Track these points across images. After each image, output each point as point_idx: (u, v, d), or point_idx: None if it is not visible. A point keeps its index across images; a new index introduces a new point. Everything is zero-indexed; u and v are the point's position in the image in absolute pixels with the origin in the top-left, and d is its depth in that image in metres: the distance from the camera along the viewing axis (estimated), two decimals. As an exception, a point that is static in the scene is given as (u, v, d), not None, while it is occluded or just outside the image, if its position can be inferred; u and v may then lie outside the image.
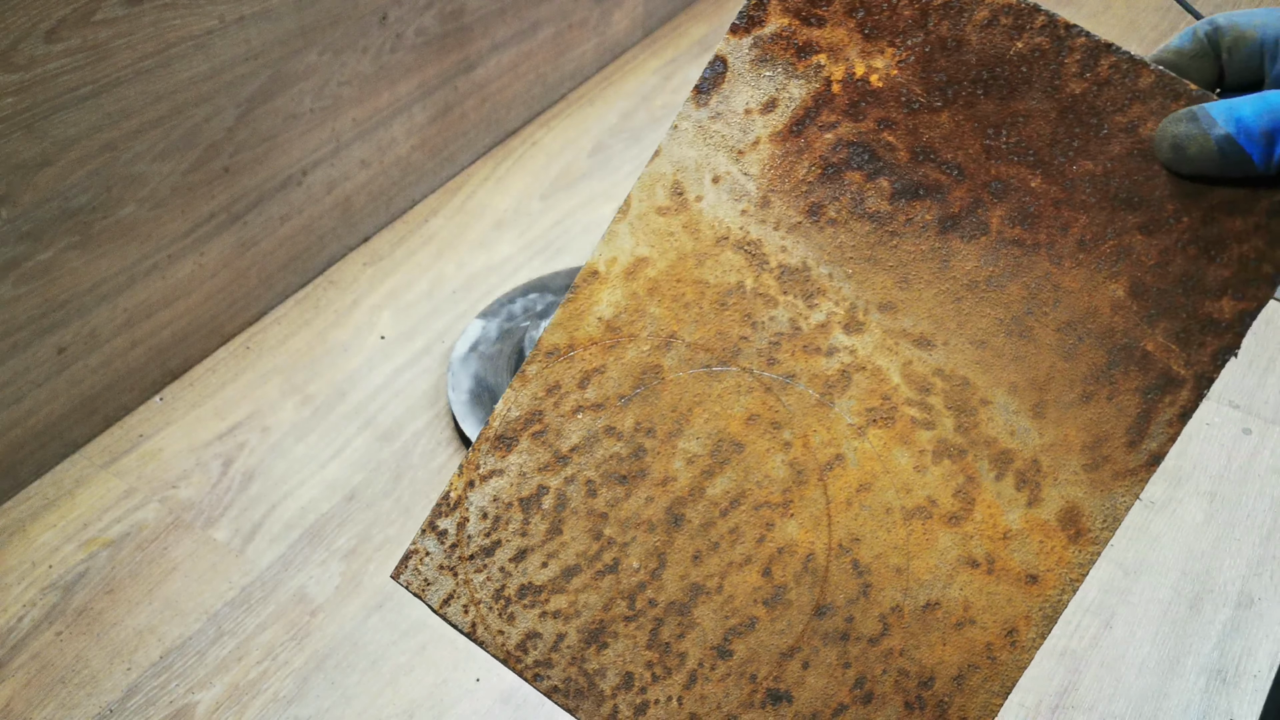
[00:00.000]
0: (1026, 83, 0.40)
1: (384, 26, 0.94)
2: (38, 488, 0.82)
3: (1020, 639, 0.39)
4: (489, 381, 0.88)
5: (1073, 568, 0.39)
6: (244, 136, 0.86)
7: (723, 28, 1.32)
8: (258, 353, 0.92)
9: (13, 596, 0.75)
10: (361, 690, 0.71)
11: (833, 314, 0.42)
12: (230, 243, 0.89)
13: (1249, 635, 0.74)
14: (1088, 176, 0.39)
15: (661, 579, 0.42)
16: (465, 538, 0.44)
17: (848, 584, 0.41)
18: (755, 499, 0.42)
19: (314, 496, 0.82)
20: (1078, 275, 0.39)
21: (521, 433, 0.44)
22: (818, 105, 0.42)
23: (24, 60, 0.69)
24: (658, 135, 1.16)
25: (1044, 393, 0.39)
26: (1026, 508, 0.39)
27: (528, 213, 1.06)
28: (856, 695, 0.40)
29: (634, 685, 0.42)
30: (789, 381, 0.42)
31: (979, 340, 0.40)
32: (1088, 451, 0.39)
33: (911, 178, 0.41)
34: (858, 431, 0.41)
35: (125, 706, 0.70)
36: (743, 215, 0.43)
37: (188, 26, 0.78)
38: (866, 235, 0.41)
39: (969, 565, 0.40)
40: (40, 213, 0.74)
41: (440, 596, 0.44)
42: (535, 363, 0.44)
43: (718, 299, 0.43)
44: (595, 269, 0.44)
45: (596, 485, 0.43)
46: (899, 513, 0.41)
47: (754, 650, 0.41)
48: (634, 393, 0.43)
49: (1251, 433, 0.87)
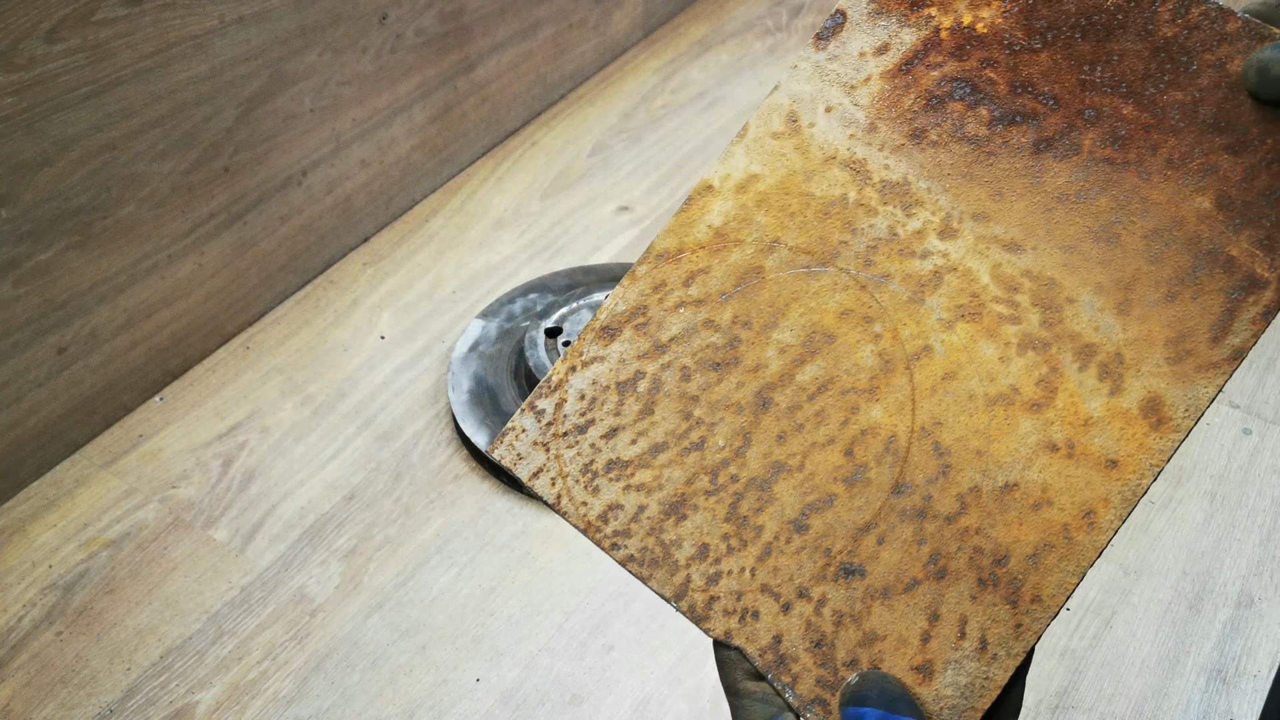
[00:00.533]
0: (1121, 27, 0.43)
1: (384, 26, 0.94)
2: (38, 488, 0.82)
3: (1098, 520, 0.40)
4: (489, 381, 0.88)
5: (1153, 454, 0.40)
6: (244, 136, 0.86)
7: (723, 28, 1.32)
8: (258, 353, 0.92)
9: (13, 596, 0.75)
10: (361, 690, 0.71)
11: (929, 222, 0.44)
12: (230, 243, 0.89)
13: (1249, 635, 0.74)
14: (1177, 105, 0.42)
15: (745, 456, 0.44)
16: (561, 416, 0.46)
17: (928, 464, 0.42)
18: (842, 385, 0.44)
19: (314, 496, 0.82)
20: (1165, 189, 0.42)
21: (626, 324, 0.46)
22: (926, 48, 0.45)
23: (24, 60, 0.69)
24: (658, 135, 1.16)
25: (1129, 292, 0.42)
26: (1108, 397, 0.41)
27: (528, 213, 1.06)
28: (930, 570, 0.41)
29: (708, 556, 0.43)
30: (883, 280, 0.44)
31: (1067, 246, 0.43)
32: (1171, 345, 0.41)
33: (1010, 107, 0.44)
34: (946, 325, 0.43)
35: (125, 706, 0.70)
36: (850, 139, 0.46)
37: (188, 26, 0.78)
38: (965, 155, 0.44)
39: (1049, 449, 0.41)
40: (40, 213, 0.74)
41: (530, 470, 0.45)
42: (645, 264, 0.47)
43: (821, 209, 0.45)
44: (710, 184, 0.47)
45: (691, 371, 0.45)
46: (982, 399, 0.42)
47: (830, 525, 0.43)
48: (735, 290, 0.46)
49: (1251, 433, 0.87)
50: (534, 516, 0.81)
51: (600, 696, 0.71)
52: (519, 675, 0.72)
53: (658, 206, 1.07)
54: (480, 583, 0.77)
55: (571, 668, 0.73)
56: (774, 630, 0.42)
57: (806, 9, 1.36)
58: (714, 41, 1.30)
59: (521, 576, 0.77)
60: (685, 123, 1.18)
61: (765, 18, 1.34)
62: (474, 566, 0.78)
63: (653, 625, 0.75)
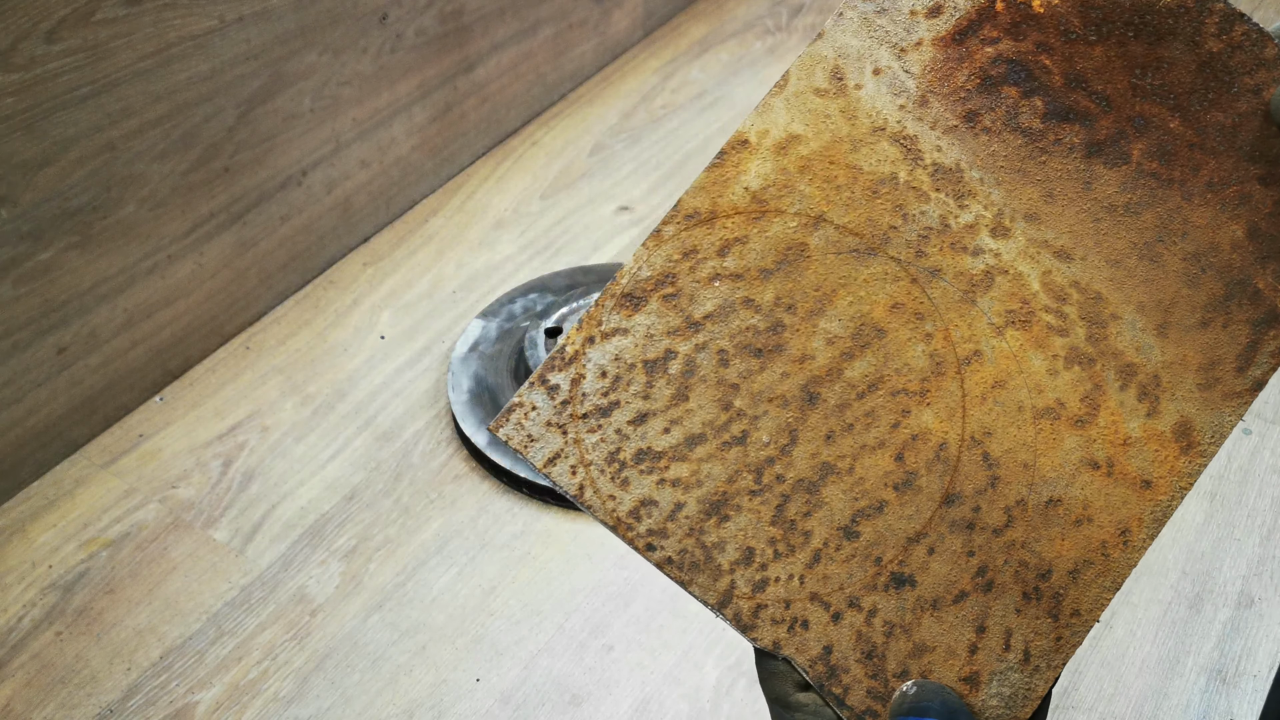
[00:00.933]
0: (1171, 33, 0.43)
1: (384, 26, 0.94)
2: (38, 488, 0.82)
3: (1132, 539, 0.41)
4: (489, 381, 0.88)
5: (1182, 477, 0.41)
6: (244, 136, 0.86)
7: (723, 28, 1.32)
8: (258, 353, 0.92)
9: (13, 596, 0.75)
10: (361, 690, 0.71)
11: (981, 216, 0.43)
12: (230, 243, 0.89)
13: (1249, 635, 0.74)
14: (1218, 126, 0.42)
15: (791, 455, 0.42)
16: (580, 395, 0.42)
17: (977, 475, 0.42)
18: (893, 385, 0.43)
19: (314, 496, 0.82)
20: (1205, 213, 0.42)
21: (652, 293, 0.43)
22: (981, 19, 0.44)
23: (24, 60, 0.69)
24: (658, 135, 1.16)
25: (1168, 314, 0.42)
26: (1146, 418, 0.42)
27: (528, 213, 1.06)
28: (978, 583, 0.41)
29: (754, 561, 0.41)
30: (935, 275, 0.43)
31: (1114, 260, 0.43)
32: (1203, 372, 0.42)
33: (1063, 101, 0.43)
34: (997, 331, 0.43)
35: (125, 706, 0.70)
36: (901, 110, 0.44)
37: (188, 26, 0.78)
38: (1018, 148, 0.44)
39: (1090, 467, 0.42)
40: (40, 213, 0.74)
41: (545, 455, 0.42)
42: (673, 224, 0.43)
43: (870, 186, 0.44)
44: (745, 138, 0.44)
45: (729, 355, 0.43)
46: (1030, 411, 0.42)
47: (881, 533, 0.42)
48: (776, 267, 0.43)
49: (1251, 433, 0.87)
50: (534, 516, 0.81)
51: (600, 697, 0.71)
52: (519, 675, 0.72)
53: (658, 206, 1.07)
54: (480, 583, 0.77)
55: (571, 668, 0.73)
56: (824, 640, 0.41)
57: (806, 9, 1.36)
58: (714, 41, 1.30)
59: (521, 576, 0.77)
60: (685, 123, 1.18)
61: (765, 18, 1.34)
62: (474, 566, 0.78)
63: (653, 625, 0.75)
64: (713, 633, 0.74)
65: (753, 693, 0.71)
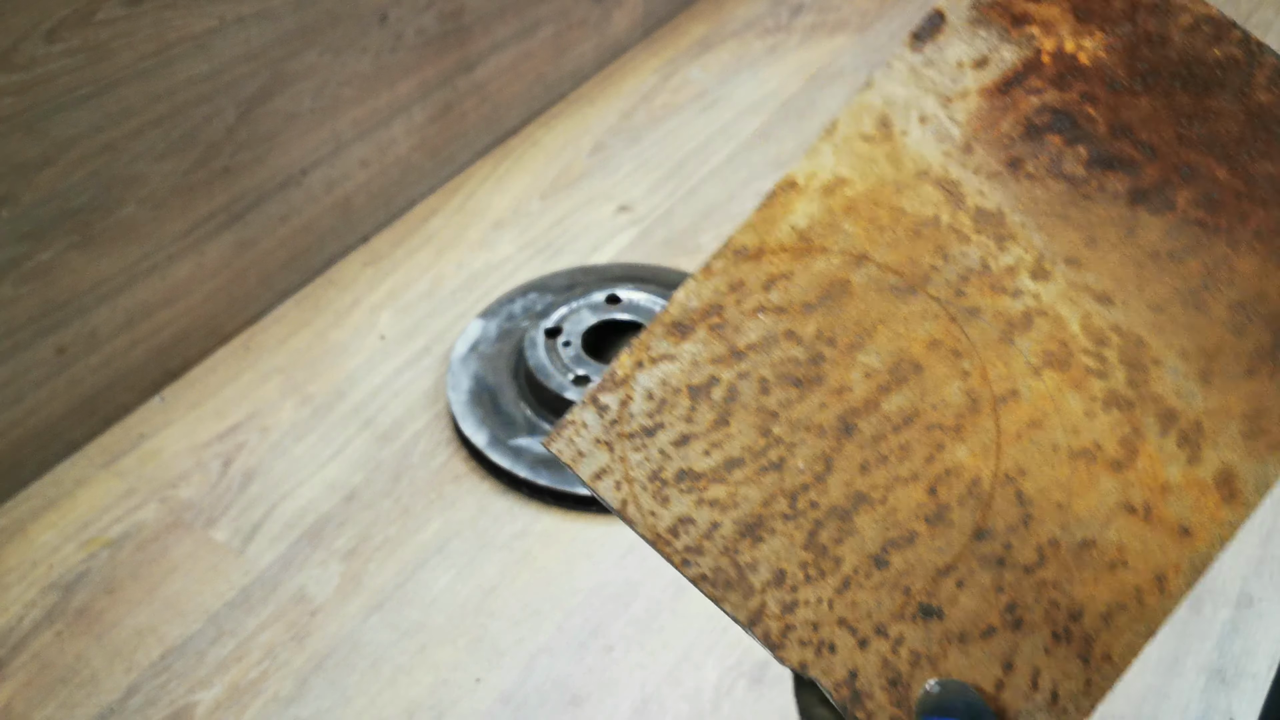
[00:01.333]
0: (1220, 85, 0.43)
1: (384, 26, 0.94)
2: (38, 488, 0.82)
3: (1169, 586, 0.41)
4: (489, 381, 0.88)
5: (1224, 526, 0.41)
6: (244, 136, 0.86)
7: (723, 28, 1.32)
8: (257, 353, 0.92)
9: (13, 596, 0.75)
10: (361, 690, 0.71)
11: (1021, 259, 0.44)
12: (230, 243, 0.89)
13: (1249, 635, 0.74)
14: (1267, 177, 0.42)
15: (826, 483, 0.43)
16: (627, 415, 0.44)
17: (1009, 512, 0.42)
18: (929, 420, 0.43)
19: (314, 496, 0.82)
20: (1252, 261, 0.42)
21: (699, 323, 0.44)
22: (1027, 70, 0.45)
23: (24, 60, 0.69)
24: (658, 135, 1.16)
25: (1212, 361, 0.42)
26: (1186, 464, 0.41)
27: (528, 213, 1.06)
28: (1007, 620, 0.41)
29: (785, 583, 0.42)
30: (973, 315, 0.43)
31: (1156, 305, 0.43)
32: (1247, 421, 0.41)
33: (1108, 149, 0.44)
34: (1034, 371, 0.43)
35: (125, 706, 0.70)
36: (945, 156, 0.45)
37: (188, 26, 0.78)
38: (1061, 194, 0.44)
39: (1127, 510, 0.41)
40: (40, 213, 0.74)
41: (593, 470, 0.44)
42: (722, 258, 0.45)
43: (912, 227, 0.44)
44: (794, 180, 0.45)
45: (770, 384, 0.44)
46: (1065, 452, 0.42)
47: (911, 564, 0.42)
48: (819, 302, 0.44)
49: (1251, 433, 0.87)
50: (534, 516, 0.81)
51: (600, 697, 0.71)
52: (519, 675, 0.72)
53: (658, 206, 1.07)
54: (480, 583, 0.77)
55: (571, 668, 0.73)
56: (850, 665, 0.42)
57: (806, 9, 1.36)
58: (714, 41, 1.30)
59: (521, 576, 0.77)
60: (685, 122, 1.18)
61: (765, 18, 1.34)
62: (474, 567, 0.78)
63: (653, 625, 0.75)
64: (713, 633, 0.74)
65: (753, 693, 0.71)
